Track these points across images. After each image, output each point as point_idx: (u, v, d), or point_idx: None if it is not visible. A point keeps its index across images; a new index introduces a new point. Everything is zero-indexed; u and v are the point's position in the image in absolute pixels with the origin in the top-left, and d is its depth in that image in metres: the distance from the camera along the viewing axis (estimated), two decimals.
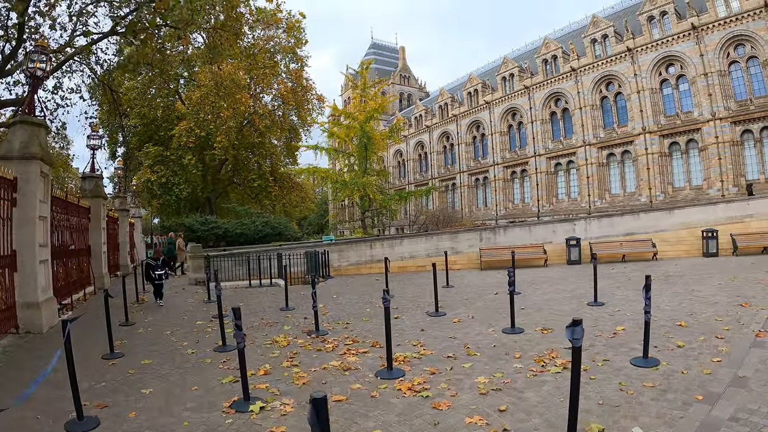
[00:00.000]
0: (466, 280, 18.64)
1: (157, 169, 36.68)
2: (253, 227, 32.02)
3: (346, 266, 21.71)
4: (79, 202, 17.60)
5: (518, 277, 18.72)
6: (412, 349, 8.79)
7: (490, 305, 13.21)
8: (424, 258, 22.43)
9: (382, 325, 10.77)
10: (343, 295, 16.39)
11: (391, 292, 15.45)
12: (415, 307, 13.55)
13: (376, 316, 12.21)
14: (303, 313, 12.92)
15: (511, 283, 10.39)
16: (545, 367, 7.23)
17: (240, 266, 19.87)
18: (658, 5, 40.87)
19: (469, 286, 17.41)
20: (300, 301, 14.77)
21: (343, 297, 15.87)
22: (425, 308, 13.07)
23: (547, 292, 15.04)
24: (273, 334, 10.53)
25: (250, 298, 16.17)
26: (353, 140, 36.12)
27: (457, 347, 8.71)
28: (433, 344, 9.01)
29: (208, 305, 14.75)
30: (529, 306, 12.62)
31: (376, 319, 11.66)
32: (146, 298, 16.41)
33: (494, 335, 9.53)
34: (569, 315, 10.46)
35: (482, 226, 25.69)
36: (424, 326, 10.78)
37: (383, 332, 8.18)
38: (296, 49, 42.65)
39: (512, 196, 53.66)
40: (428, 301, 13.99)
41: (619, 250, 23.19)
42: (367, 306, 14.01)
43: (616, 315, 10.73)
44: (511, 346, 8.52)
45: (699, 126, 38.66)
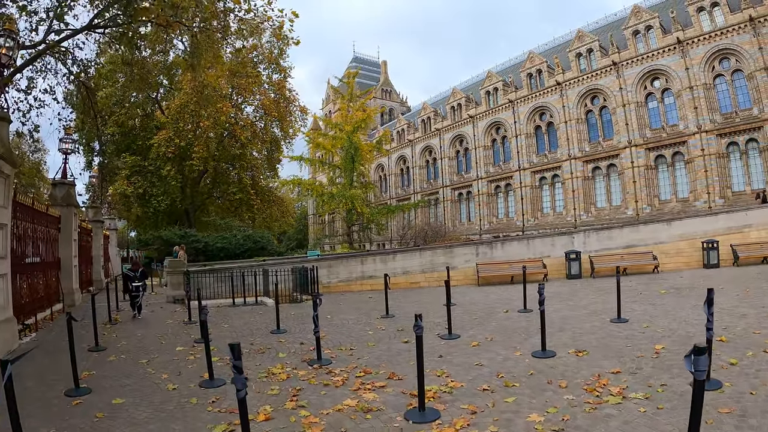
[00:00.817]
0: (468, 297, 17.21)
1: (135, 179, 34.84)
2: (234, 241, 30.30)
3: (336, 283, 20.13)
4: (48, 211, 15.87)
5: (521, 294, 17.49)
6: (438, 380, 7.34)
7: (505, 325, 11.89)
8: (418, 274, 21.04)
9: (392, 351, 9.39)
10: (338, 315, 14.82)
11: (390, 310, 14.12)
12: (424, 329, 12.05)
13: (382, 340, 10.80)
14: (298, 337, 11.37)
15: (542, 302, 9.09)
16: (601, 397, 6.12)
17: (222, 283, 18.19)
18: (643, 20, 40.51)
19: (473, 303, 15.98)
20: (292, 323, 13.22)
21: (338, 317, 14.30)
22: (435, 330, 11.62)
23: (560, 309, 13.74)
24: (267, 363, 8.98)
25: (235, 318, 14.52)
26: (339, 151, 34.60)
27: (488, 376, 7.40)
28: (461, 374, 7.60)
29: (188, 327, 13.12)
30: (548, 325, 11.14)
31: (383, 344, 10.31)
32: (120, 317, 14.69)
33: (525, 360, 8.29)
34: (596, 334, 9.99)
35: (478, 240, 24.36)
36: (441, 351, 9.36)
37: (396, 360, 6.96)
38: (279, 60, 41.27)
39: (496, 211, 52.56)
40: (435, 321, 12.63)
41: (620, 263, 21.87)
42: (367, 328, 12.48)
43: (647, 332, 9.75)
44: (550, 373, 7.32)
45: (685, 139, 38.13)
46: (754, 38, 35.00)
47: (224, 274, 18.27)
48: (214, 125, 33.71)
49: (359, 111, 34.26)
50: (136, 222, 42.43)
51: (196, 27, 17.87)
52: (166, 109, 36.38)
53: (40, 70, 20.58)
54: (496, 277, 21.07)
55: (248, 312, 15.77)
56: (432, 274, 21.12)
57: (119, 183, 33.78)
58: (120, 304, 16.92)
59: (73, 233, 17.83)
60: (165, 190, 35.76)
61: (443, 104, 59.02)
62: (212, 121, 33.26)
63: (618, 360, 7.82)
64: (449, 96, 57.48)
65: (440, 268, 21.34)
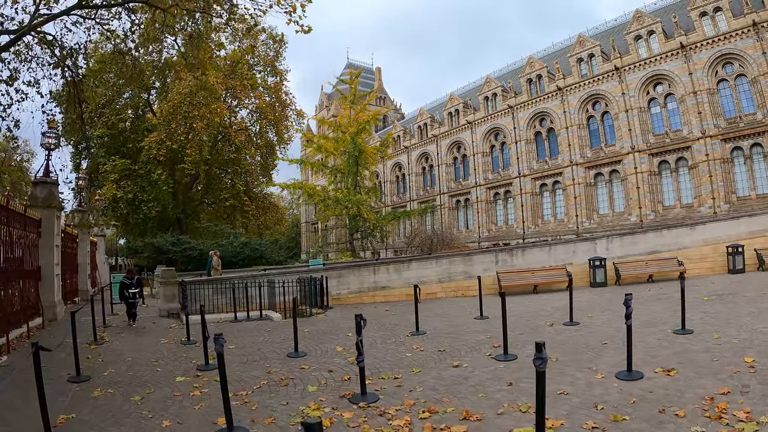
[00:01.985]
0: (497, 309, 15.03)
1: (124, 184, 32.48)
2: (231, 249, 28.00)
3: (346, 294, 17.97)
4: (26, 212, 13.63)
5: (552, 304, 15.61)
6: (525, 418, 5.65)
7: (560, 341, 10.17)
8: (434, 284, 19.00)
9: (446, 380, 7.74)
10: (364, 338, 12.66)
11: (418, 326, 12.05)
12: (468, 348, 10.08)
13: (426, 364, 8.82)
14: (322, 362, 9.32)
15: (629, 315, 7.53)
16: (733, 425, 5.14)
17: (222, 295, 15.94)
18: (645, 24, 39.24)
19: (510, 315, 13.93)
20: (308, 343, 11.10)
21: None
22: (481, 349, 9.73)
23: (611, 321, 12.02)
24: (296, 401, 6.93)
25: (241, 337, 12.35)
26: (342, 154, 32.32)
27: (584, 409, 5.93)
28: (549, 407, 5.68)
29: (187, 349, 10.97)
30: (608, 340, 9.76)
31: (431, 370, 8.34)
32: (107, 335, 12.47)
33: (613, 384, 6.88)
34: (669, 348, 8.71)
35: (497, 247, 22.39)
36: (506, 378, 7.54)
37: (458, 391, 6.38)
38: (275, 62, 39.33)
39: (495, 218, 50.54)
40: (477, 339, 10.83)
41: (646, 269, 20.43)
42: (402, 348, 10.41)
43: (722, 343, 8.60)
44: (653, 399, 6.10)
45: (689, 144, 36.86)
46: (758, 43, 34.01)
47: (224, 285, 16.05)
48: (208, 127, 31.51)
49: (361, 113, 32.03)
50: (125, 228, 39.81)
51: (198, 13, 15.82)
52: (157, 111, 34.17)
53: (25, 59, 18.31)
54: (519, 286, 19.14)
55: (254, 329, 13.60)
56: (449, 283, 19.13)
57: (108, 187, 31.38)
58: (107, 319, 14.72)
59: (55, 238, 15.58)
60: (156, 196, 33.46)
61: (440, 110, 57.06)
62: (206, 123, 31.07)
63: (715, 378, 6.77)
64: (446, 102, 55.54)
65: (458, 277, 19.39)
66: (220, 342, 5.73)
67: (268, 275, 17.36)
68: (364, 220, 30.92)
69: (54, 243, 15.43)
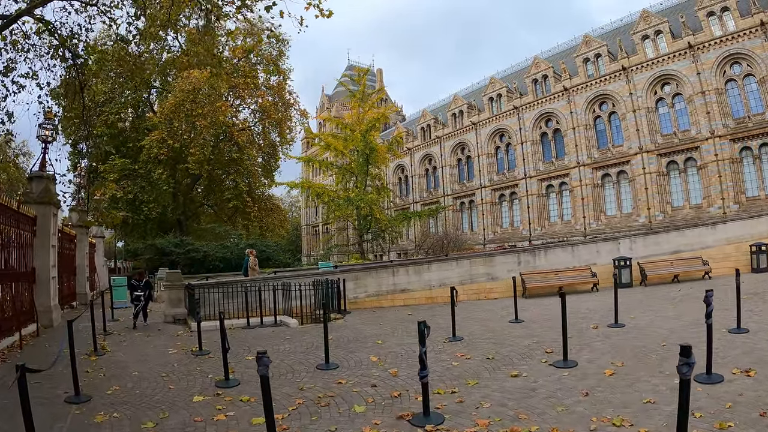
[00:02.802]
0: (528, 312, 13.78)
1: (124, 184, 30.96)
2: (236, 251, 26.46)
3: (364, 298, 16.55)
4: (20, 208, 12.24)
5: (584, 306, 14.45)
6: None
7: (615, 345, 9.08)
8: (456, 286, 17.57)
9: (513, 392, 6.62)
10: (390, 338, 11.32)
11: (453, 331, 10.70)
12: (518, 354, 8.84)
13: (481, 375, 7.59)
14: (360, 376, 7.95)
15: (709, 314, 6.83)
16: None
17: (231, 299, 14.49)
18: (652, 24, 38.29)
19: (545, 318, 12.69)
20: (336, 353, 9.68)
21: (393, 342, 10.83)
22: (533, 355, 8.60)
23: (653, 322, 11.03)
24: (345, 424, 5.62)
25: (259, 346, 10.91)
26: (351, 152, 30.76)
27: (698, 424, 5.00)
28: (642, 419, 5.23)
29: (200, 360, 9.55)
30: (661, 341, 8.96)
31: (489, 381, 7.20)
32: (107, 344, 11.04)
33: (697, 389, 5.94)
34: (734, 349, 7.92)
35: (519, 248, 21.12)
36: (577, 387, 6.59)
37: (532, 405, 5.63)
38: (278, 61, 37.95)
39: (500, 220, 49.34)
40: (521, 344, 9.66)
41: (671, 269, 19.25)
42: (445, 356, 9.07)
43: None
44: (748, 402, 5.47)
45: (697, 144, 35.95)
46: (765, 42, 33.29)
47: (235, 289, 14.61)
48: (212, 125, 30.07)
49: (369, 111, 30.49)
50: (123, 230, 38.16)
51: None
52: (158, 110, 32.77)
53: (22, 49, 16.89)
54: (544, 288, 17.88)
55: (270, 336, 12.19)
56: (471, 286, 17.80)
57: (107, 188, 29.84)
58: (108, 325, 13.29)
59: (51, 238, 14.15)
60: (156, 197, 31.98)
61: (443, 111, 55.80)
62: (210, 121, 29.64)
63: None
64: (450, 103, 54.33)
65: (480, 279, 18.08)
66: (264, 362, 4.32)
67: (280, 278, 15.95)
68: (376, 221, 29.37)
69: (50, 243, 14.02)
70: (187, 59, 28.29)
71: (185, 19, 20.18)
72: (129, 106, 34.84)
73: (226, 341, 7.73)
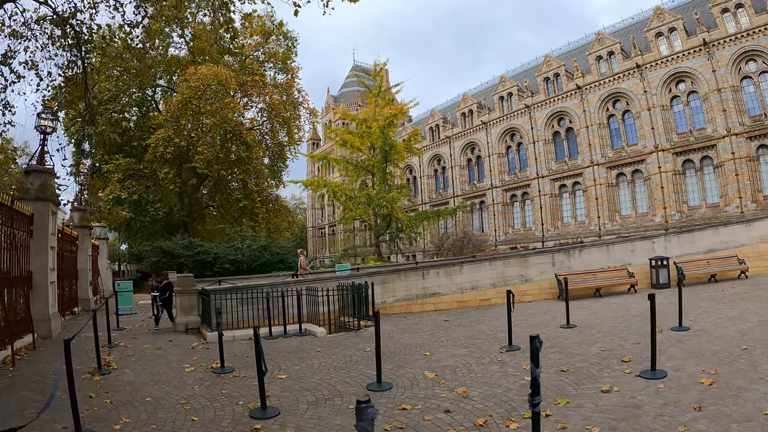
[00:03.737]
0: (573, 316, 12.07)
1: (129, 184, 29.23)
2: (248, 253, 24.67)
3: (392, 302, 14.87)
4: (13, 205, 10.61)
5: (630, 308, 13.15)
6: None
7: (694, 351, 8.00)
8: (488, 289, 16.02)
9: (609, 410, 5.50)
10: (436, 349, 9.63)
11: (500, 338, 9.14)
12: (594, 365, 7.62)
13: (563, 389, 6.44)
14: (423, 399, 6.37)
15: None
16: None
17: (249, 306, 12.71)
18: (666, 21, 36.82)
19: (597, 322, 11.27)
20: (385, 366, 7.99)
21: (442, 354, 9.14)
22: (612, 365, 7.48)
23: (719, 324, 9.99)
24: None
25: (289, 360, 9.23)
26: (368, 150, 28.82)
27: None
28: None
29: (224, 380, 7.88)
30: (740, 344, 8.04)
31: (574, 397, 6.10)
32: (113, 359, 9.38)
33: None
34: None
35: (553, 248, 19.56)
36: (682, 401, 5.59)
37: (644, 425, 4.55)
38: (287, 59, 36.44)
39: (512, 221, 47.58)
40: (589, 352, 8.45)
41: (707, 269, 17.78)
42: (509, 369, 7.56)
43: None
44: None
45: (714, 142, 34.50)
46: None
47: (252, 295, 12.87)
48: (221, 122, 28.39)
49: (386, 107, 28.62)
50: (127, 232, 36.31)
51: None
52: (164, 108, 31.12)
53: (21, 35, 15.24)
54: (581, 290, 16.27)
55: (298, 348, 10.47)
56: (504, 288, 16.13)
57: (111, 188, 28.14)
58: (113, 336, 11.61)
59: (50, 238, 12.48)
60: (162, 197, 30.28)
61: (452, 111, 53.98)
62: (218, 118, 27.96)
63: None
64: (459, 102, 52.56)
65: (513, 281, 16.44)
66: (368, 416, 2.69)
67: (301, 282, 14.27)
68: (397, 221, 27.48)
69: (49, 244, 12.36)
70: (192, 56, 26.84)
71: (191, 17, 18.94)
72: (134, 105, 33.24)
73: (262, 361, 6.10)
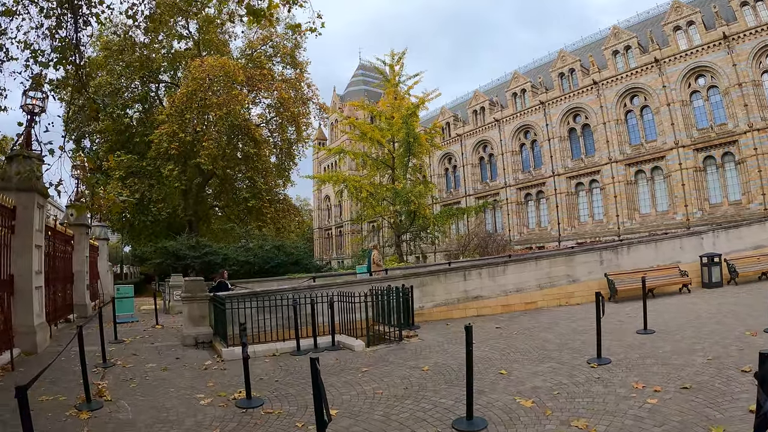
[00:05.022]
0: (640, 320, 9.88)
1: (131, 182, 26.94)
2: (262, 253, 22.29)
3: (430, 308, 12.55)
4: None
5: (698, 309, 11.21)
6: None
7: None
8: (534, 291, 13.80)
9: None
10: (512, 365, 7.28)
11: (576, 348, 7.15)
12: (717, 379, 5.96)
13: (712, 417, 4.72)
14: None
15: None
16: None
17: (269, 314, 10.36)
18: (684, 15, 34.84)
19: (675, 327, 9.34)
20: (455, 391, 5.81)
21: (521, 371, 6.91)
22: (735, 378, 5.89)
23: None
24: None
25: (335, 384, 6.86)
26: (388, 143, 26.34)
27: None
28: None
29: (255, 420, 5.63)
30: None
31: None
32: (106, 386, 7.11)
33: None
34: None
35: (601, 245, 17.45)
36: None
37: None
38: (295, 53, 34.27)
39: (527, 220, 45.32)
40: (696, 363, 6.77)
41: (759, 266, 15.83)
42: (615, 387, 5.35)
43: None
44: None
45: (735, 138, 32.55)
46: None
47: (274, 302, 10.51)
48: (228, 116, 26.16)
49: (404, 99, 26.30)
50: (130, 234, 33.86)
51: None
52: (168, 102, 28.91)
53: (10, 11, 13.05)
54: (634, 290, 14.15)
55: (338, 367, 8.12)
56: (551, 290, 14.00)
57: (113, 186, 25.80)
58: (109, 352, 9.37)
59: (36, 236, 10.21)
60: (166, 195, 27.99)
61: (462, 108, 51.61)
62: (225, 111, 25.73)
63: None
64: (470, 99, 50.25)
65: (560, 282, 14.25)
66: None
67: (329, 286, 11.99)
68: (424, 218, 25.05)
69: (34, 242, 10.10)
70: (198, 49, 24.74)
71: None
72: (137, 101, 31.00)
73: (324, 407, 3.90)
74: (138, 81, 30.02)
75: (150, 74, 30.56)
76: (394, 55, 25.55)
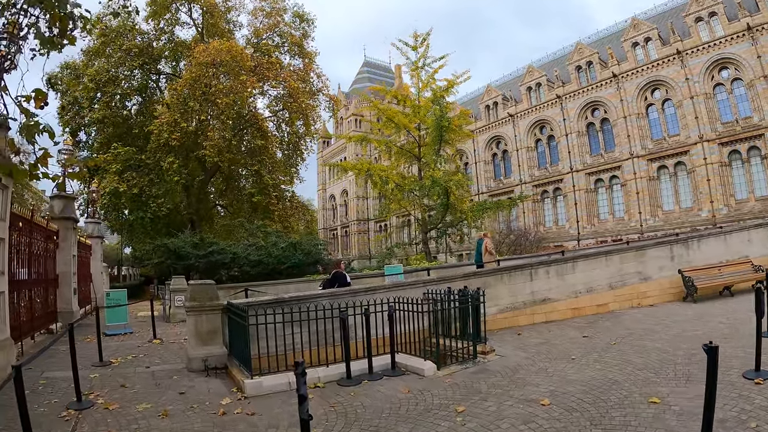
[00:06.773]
0: (733, 321, 7.28)
1: (128, 176, 24.06)
2: (275, 252, 19.38)
3: (494, 314, 9.69)
4: None
5: None
6: None
7: None
8: (605, 291, 11.19)
9: None
10: (656, 390, 4.59)
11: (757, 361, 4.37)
12: None
13: None
14: None
15: None
16: None
17: (299, 328, 7.38)
18: (705, 6, 32.46)
19: None
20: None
21: (678, 400, 4.15)
22: None
23: None
24: None
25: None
26: (417, 129, 23.32)
27: None
28: None
29: None
30: None
31: None
32: None
33: None
34: None
35: (671, 238, 14.90)
36: None
37: None
38: (303, 42, 31.61)
39: (543, 218, 42.52)
40: None
41: None
42: None
43: None
44: None
45: (761, 132, 30.21)
46: None
47: (306, 314, 7.21)
48: (234, 104, 23.45)
49: (429, 83, 23.45)
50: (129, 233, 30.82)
51: None
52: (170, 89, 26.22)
53: None
54: (710, 288, 11.66)
55: (412, 403, 5.38)
56: (622, 290, 11.43)
57: (109, 180, 23.00)
58: (92, 379, 6.67)
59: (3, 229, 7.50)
60: (166, 191, 25.15)
61: (474, 104, 48.14)
62: (232, 99, 23.02)
63: None
64: (482, 94, 47.39)
65: (631, 280, 11.69)
66: None
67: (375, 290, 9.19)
68: (461, 212, 22.07)
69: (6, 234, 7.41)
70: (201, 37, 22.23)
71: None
72: (135, 91, 28.19)
73: None
74: (138, 69, 27.25)
75: (150, 61, 27.76)
76: (417, 36, 22.74)
